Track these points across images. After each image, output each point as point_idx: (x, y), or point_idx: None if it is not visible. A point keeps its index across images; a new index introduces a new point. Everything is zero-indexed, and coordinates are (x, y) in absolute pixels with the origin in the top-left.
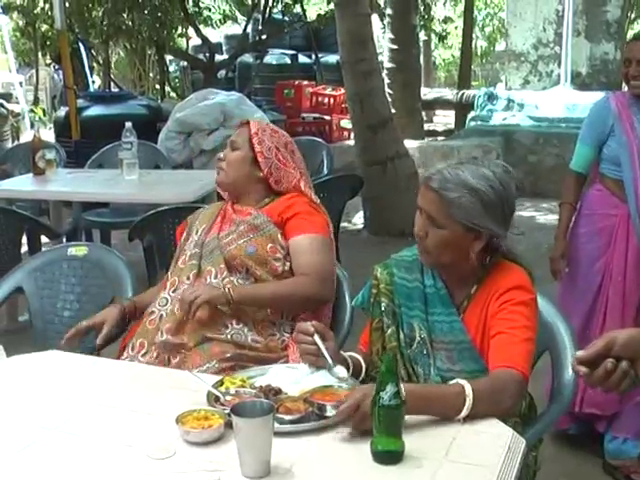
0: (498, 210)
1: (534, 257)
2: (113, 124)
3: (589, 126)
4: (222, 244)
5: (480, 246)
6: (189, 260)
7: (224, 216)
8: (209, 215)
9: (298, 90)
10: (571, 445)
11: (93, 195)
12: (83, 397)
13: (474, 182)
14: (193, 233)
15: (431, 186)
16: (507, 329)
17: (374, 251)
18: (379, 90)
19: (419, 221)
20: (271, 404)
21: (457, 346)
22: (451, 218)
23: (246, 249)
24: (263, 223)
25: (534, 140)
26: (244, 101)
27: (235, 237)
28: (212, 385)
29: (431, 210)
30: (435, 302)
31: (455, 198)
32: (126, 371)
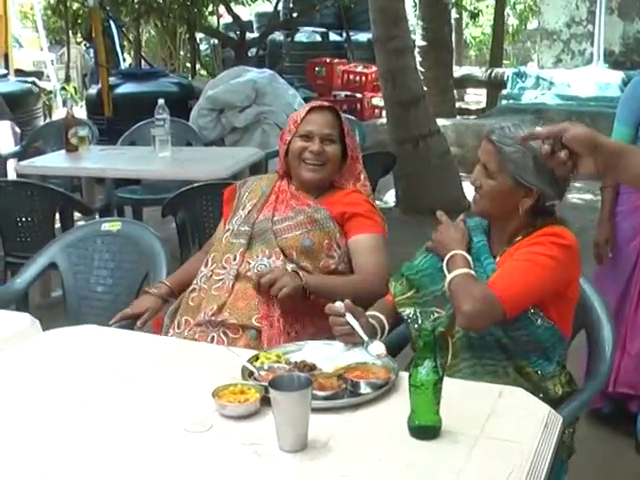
0: (550, 172)
1: None
2: (145, 101)
3: (625, 105)
4: (276, 229)
5: (529, 203)
6: (237, 237)
7: (278, 196)
8: (260, 191)
9: (329, 68)
10: (604, 425)
11: (125, 172)
12: (119, 371)
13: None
14: (240, 209)
15: (490, 138)
16: (519, 260)
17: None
18: (411, 68)
19: (476, 172)
20: (309, 378)
21: None
22: (503, 171)
23: (302, 241)
24: (323, 218)
25: (566, 119)
26: (276, 79)
27: (292, 225)
28: (247, 360)
29: (486, 161)
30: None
31: (510, 152)
32: (162, 345)
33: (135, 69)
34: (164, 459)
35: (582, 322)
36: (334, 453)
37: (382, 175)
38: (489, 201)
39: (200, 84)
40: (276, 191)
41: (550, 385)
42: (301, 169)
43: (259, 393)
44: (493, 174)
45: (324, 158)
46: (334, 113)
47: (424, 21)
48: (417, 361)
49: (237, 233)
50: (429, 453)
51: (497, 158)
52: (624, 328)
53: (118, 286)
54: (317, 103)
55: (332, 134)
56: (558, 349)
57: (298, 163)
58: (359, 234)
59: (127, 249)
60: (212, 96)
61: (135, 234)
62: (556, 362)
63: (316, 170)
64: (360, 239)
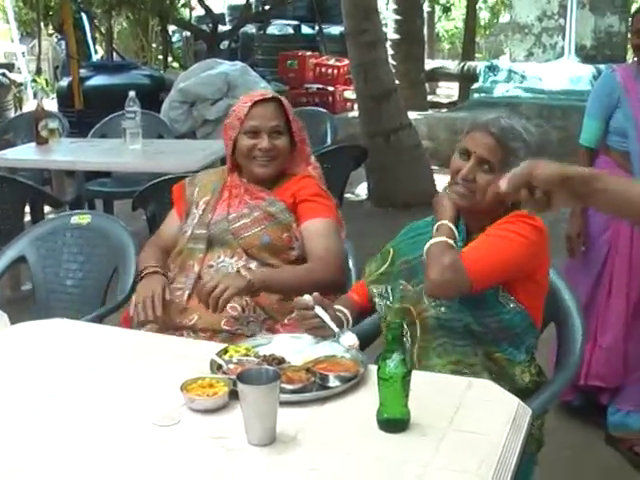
0: None
1: None
2: (116, 94)
3: (596, 100)
4: (233, 228)
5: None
6: (195, 242)
7: (231, 191)
8: (211, 186)
9: (301, 61)
10: (574, 417)
11: (96, 164)
12: (88, 364)
13: (524, 133)
14: (193, 207)
15: (492, 132)
16: (490, 235)
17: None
18: (383, 61)
19: (467, 165)
20: (277, 371)
21: None
22: (505, 165)
23: (261, 238)
24: (279, 211)
25: (538, 112)
26: (248, 71)
27: (249, 223)
28: (216, 353)
29: (486, 155)
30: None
31: (515, 148)
32: (131, 339)
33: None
34: (132, 453)
35: (552, 315)
36: (302, 446)
37: (354, 168)
38: (482, 196)
39: (172, 76)
40: (228, 186)
41: (518, 372)
42: (252, 166)
43: (227, 387)
44: (493, 168)
45: (274, 152)
46: (277, 102)
47: (396, 14)
48: (385, 354)
49: (195, 237)
50: (398, 446)
51: (500, 153)
52: (595, 321)
53: (87, 279)
54: (259, 95)
55: (279, 125)
56: (529, 336)
57: (249, 160)
58: (308, 220)
59: (96, 242)
60: (184, 89)
61: (105, 227)
62: (525, 351)
63: (267, 165)
64: (309, 225)
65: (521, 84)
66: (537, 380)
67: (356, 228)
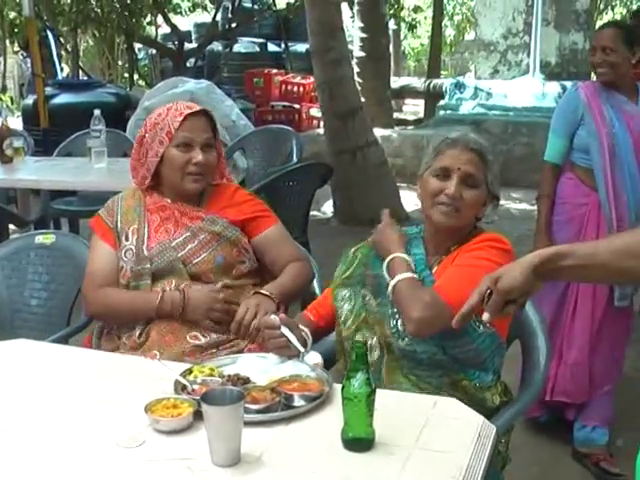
0: (499, 178)
1: None
2: (81, 112)
3: (560, 116)
4: (182, 256)
5: (485, 212)
6: (138, 280)
7: (159, 215)
8: (133, 212)
9: (267, 79)
10: (541, 433)
11: (61, 183)
12: (52, 386)
13: (490, 149)
14: (123, 239)
15: (472, 147)
16: (462, 266)
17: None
18: (348, 79)
19: (452, 183)
20: (241, 392)
21: None
22: (485, 178)
23: (215, 260)
24: (224, 229)
25: (503, 129)
26: (213, 89)
27: (197, 247)
28: (180, 373)
29: (472, 169)
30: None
31: (491, 160)
32: (95, 360)
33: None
34: (97, 474)
35: (517, 332)
36: (267, 467)
37: (320, 186)
38: (470, 211)
39: (138, 94)
40: (152, 208)
41: (488, 396)
42: (184, 181)
43: (192, 407)
44: (478, 183)
45: (207, 168)
46: (207, 115)
47: (362, 32)
48: (349, 373)
49: (137, 274)
50: (363, 465)
51: (482, 167)
52: (561, 338)
53: (52, 299)
54: (188, 109)
55: (211, 138)
56: (496, 358)
57: (180, 176)
58: (264, 231)
59: (61, 262)
60: (149, 107)
61: (69, 246)
62: (492, 372)
63: (199, 180)
64: (267, 234)
65: (487, 101)
66: (505, 400)
67: (322, 246)
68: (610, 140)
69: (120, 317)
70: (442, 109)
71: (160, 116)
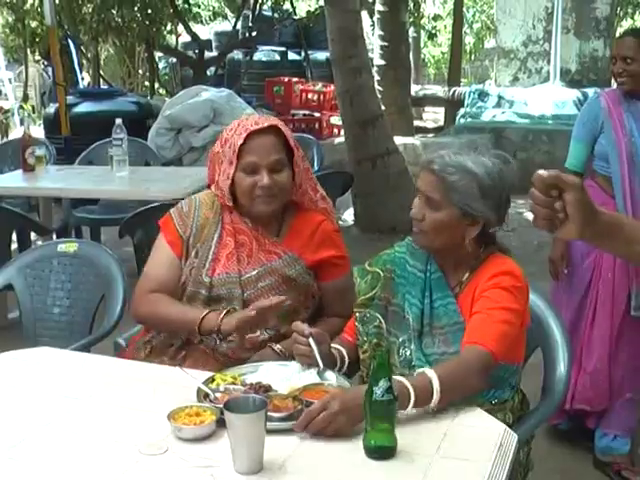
0: (495, 198)
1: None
2: (103, 121)
3: (581, 124)
4: (247, 296)
5: (475, 232)
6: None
7: (236, 238)
8: (208, 228)
9: (288, 87)
10: (562, 441)
11: (83, 192)
12: (75, 394)
13: (473, 167)
14: (192, 252)
15: (432, 168)
16: (485, 309)
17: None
18: (369, 87)
19: (417, 203)
20: (264, 400)
21: (452, 328)
22: (449, 201)
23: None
24: (299, 275)
25: (524, 137)
26: (234, 98)
27: (264, 289)
28: (203, 382)
29: (430, 192)
30: (435, 288)
31: (455, 181)
32: (117, 368)
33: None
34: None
35: (537, 341)
36: (290, 475)
37: (341, 194)
38: (434, 234)
39: (159, 103)
40: (229, 229)
41: (500, 416)
42: (253, 205)
43: (215, 415)
44: (438, 206)
45: (276, 190)
46: (275, 131)
47: (382, 40)
48: (372, 381)
49: (190, 296)
50: (386, 473)
51: (441, 188)
52: (580, 345)
53: (75, 307)
54: (254, 125)
55: (280, 159)
56: (513, 376)
57: (250, 200)
58: (333, 279)
59: (84, 270)
60: (170, 115)
61: (92, 255)
62: (510, 388)
63: (270, 202)
64: (334, 285)
65: (507, 109)
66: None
67: None
68: (629, 149)
69: (163, 326)
70: (462, 117)
71: (231, 131)
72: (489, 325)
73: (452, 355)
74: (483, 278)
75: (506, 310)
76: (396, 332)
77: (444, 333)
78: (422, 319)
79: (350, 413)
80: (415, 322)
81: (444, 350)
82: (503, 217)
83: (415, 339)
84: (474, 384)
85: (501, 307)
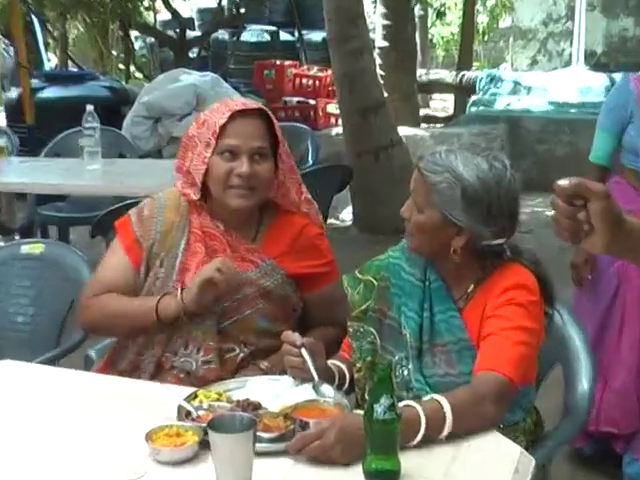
0: (482, 207)
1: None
2: (72, 108)
3: (608, 112)
4: (220, 310)
5: (461, 243)
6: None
7: (207, 244)
8: (173, 234)
9: (279, 71)
10: (586, 466)
11: (50, 187)
12: (41, 412)
13: (461, 169)
14: (157, 262)
15: (419, 165)
16: (499, 330)
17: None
18: (370, 71)
19: (407, 203)
20: (252, 418)
21: (455, 346)
22: (430, 203)
23: (258, 323)
24: (277, 286)
25: (543, 127)
26: (219, 83)
27: (239, 302)
28: (184, 398)
29: (414, 191)
30: (435, 299)
31: (436, 182)
32: (89, 383)
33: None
34: None
35: (556, 355)
36: None
37: (338, 191)
38: (418, 238)
39: (135, 88)
40: (197, 234)
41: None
42: (227, 196)
43: (197, 435)
44: (421, 207)
45: (256, 181)
46: (264, 116)
47: (385, 19)
48: (372, 398)
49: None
50: None
51: (424, 189)
52: (605, 360)
53: (40, 316)
54: (240, 105)
55: (264, 147)
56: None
57: (222, 189)
58: (318, 289)
59: (50, 274)
60: (148, 102)
61: (60, 257)
62: (521, 409)
63: (246, 196)
64: (320, 294)
65: (524, 96)
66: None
67: (340, 258)
68: None
69: (115, 328)
70: (474, 105)
71: (211, 112)
72: (504, 349)
73: (456, 377)
74: (493, 292)
75: (522, 330)
76: (392, 349)
77: (446, 351)
78: (421, 335)
79: (348, 443)
80: (413, 338)
81: (446, 371)
82: (501, 232)
83: (413, 358)
84: (490, 415)
85: (516, 327)
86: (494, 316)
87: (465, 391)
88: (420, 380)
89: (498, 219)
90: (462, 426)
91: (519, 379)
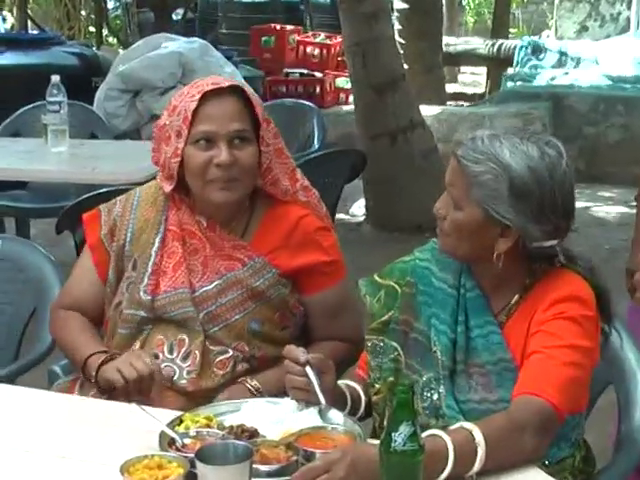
0: (533, 202)
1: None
2: (33, 78)
3: None
4: (205, 316)
5: (507, 246)
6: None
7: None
8: (148, 231)
9: (280, 37)
10: None
11: (6, 171)
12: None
13: (508, 158)
14: (129, 266)
15: (456, 153)
16: (545, 348)
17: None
18: (388, 39)
19: (442, 197)
20: (249, 447)
21: (495, 367)
22: (470, 198)
23: (248, 326)
24: (270, 287)
25: (592, 106)
26: (208, 51)
27: (227, 307)
28: (168, 424)
29: (451, 184)
30: (471, 310)
31: (477, 173)
32: (55, 405)
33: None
34: None
35: (609, 375)
36: None
37: (348, 180)
38: (456, 239)
39: (108, 56)
40: (175, 232)
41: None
42: (207, 191)
43: (182, 468)
44: (459, 203)
45: (238, 170)
46: (239, 94)
47: None
48: (390, 425)
49: (127, 320)
50: None
51: (463, 181)
52: None
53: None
54: (210, 84)
55: (244, 129)
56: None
57: (201, 184)
58: (320, 291)
59: (8, 275)
60: (124, 73)
61: (19, 255)
62: (571, 445)
63: (228, 188)
64: (322, 298)
65: (571, 69)
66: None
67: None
68: None
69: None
70: (511, 79)
71: (180, 96)
72: (550, 370)
73: (493, 404)
74: (541, 305)
75: (572, 349)
76: (419, 368)
77: (485, 373)
78: (454, 353)
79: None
80: (445, 356)
81: (483, 396)
82: (554, 232)
83: (446, 379)
84: (530, 449)
85: (566, 345)
86: (540, 332)
87: (501, 419)
88: (452, 406)
89: (551, 216)
90: (496, 461)
91: (566, 407)
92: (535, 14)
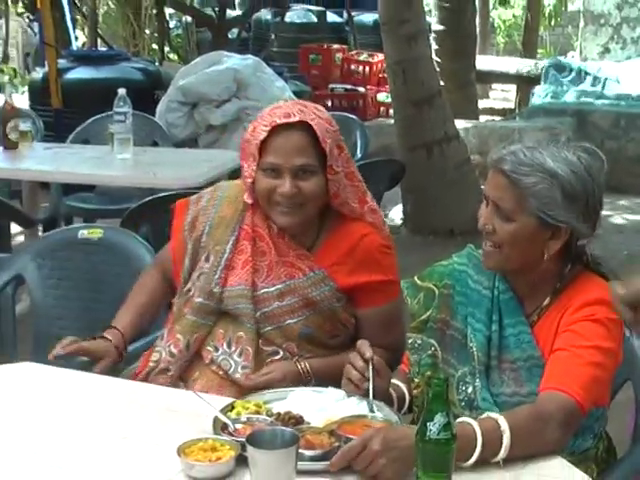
0: (581, 202)
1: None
2: (102, 90)
3: None
4: (260, 315)
5: (557, 246)
6: (197, 315)
7: (255, 244)
8: (226, 229)
9: (326, 55)
10: None
11: (77, 176)
12: (64, 421)
13: (554, 166)
14: (203, 257)
15: (502, 169)
16: (570, 346)
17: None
18: (425, 58)
19: (485, 213)
20: (295, 434)
21: (525, 363)
22: (524, 209)
23: (300, 331)
24: (325, 299)
25: (614, 122)
26: (261, 67)
27: (283, 310)
28: (221, 410)
29: (500, 199)
30: (505, 311)
31: (530, 184)
32: (118, 390)
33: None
34: None
35: (627, 372)
36: None
37: (388, 188)
38: (509, 250)
39: (170, 71)
40: (247, 232)
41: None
42: (272, 213)
43: (234, 450)
44: (511, 215)
45: (301, 199)
46: (306, 128)
47: (443, 1)
48: (426, 415)
49: (197, 308)
50: None
51: (514, 194)
52: None
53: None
54: (282, 118)
55: (308, 164)
56: (597, 422)
57: (268, 206)
58: (372, 307)
59: (109, 260)
60: (184, 87)
61: (120, 243)
62: (592, 436)
63: (290, 214)
64: (374, 313)
65: (595, 87)
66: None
67: None
68: None
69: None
70: (538, 96)
71: (260, 119)
72: (576, 367)
73: (524, 397)
74: (570, 307)
75: (597, 350)
76: (454, 362)
77: (516, 369)
78: (489, 349)
79: (393, 455)
80: (481, 352)
81: (514, 390)
82: (594, 225)
83: (481, 374)
84: (553, 440)
85: (592, 346)
86: (568, 331)
87: (527, 411)
88: (487, 399)
89: (593, 213)
90: (521, 449)
91: (588, 404)
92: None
